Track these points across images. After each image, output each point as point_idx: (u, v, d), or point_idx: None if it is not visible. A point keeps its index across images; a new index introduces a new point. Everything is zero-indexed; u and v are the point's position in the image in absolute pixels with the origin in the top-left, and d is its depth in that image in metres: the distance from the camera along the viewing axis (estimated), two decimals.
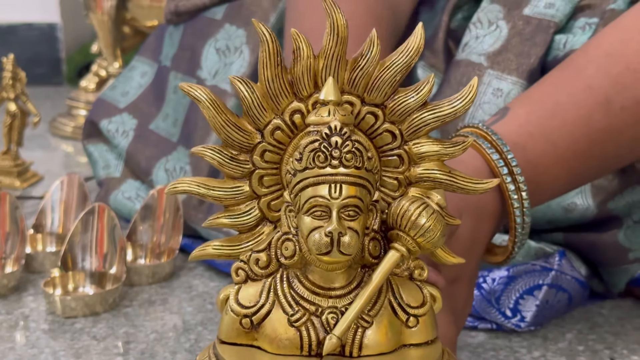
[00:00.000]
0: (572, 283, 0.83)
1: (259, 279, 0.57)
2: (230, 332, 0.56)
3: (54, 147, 1.69)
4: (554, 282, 0.81)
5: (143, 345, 0.79)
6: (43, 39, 2.33)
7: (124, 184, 1.11)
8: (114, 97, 1.17)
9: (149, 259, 0.98)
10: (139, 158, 1.09)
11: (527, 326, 0.81)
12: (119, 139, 1.12)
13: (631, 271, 0.83)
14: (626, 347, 0.80)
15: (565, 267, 0.82)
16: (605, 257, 0.83)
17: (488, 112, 0.88)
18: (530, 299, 0.81)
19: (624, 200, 0.80)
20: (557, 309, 0.83)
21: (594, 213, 0.83)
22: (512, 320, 0.81)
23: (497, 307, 0.82)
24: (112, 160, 1.14)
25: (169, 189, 0.58)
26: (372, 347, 0.55)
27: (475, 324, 0.83)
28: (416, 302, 0.56)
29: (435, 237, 0.55)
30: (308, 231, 0.53)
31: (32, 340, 0.80)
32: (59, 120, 1.78)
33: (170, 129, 1.09)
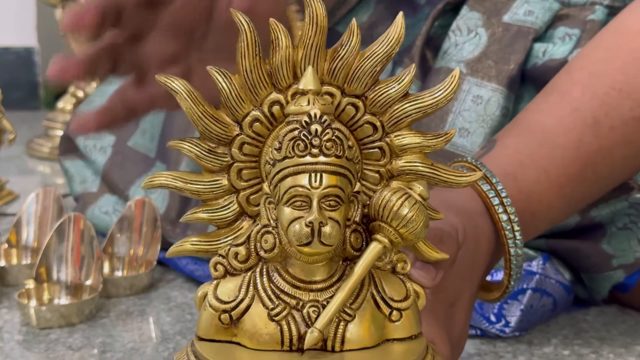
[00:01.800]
0: (556, 287, 0.82)
1: (238, 274, 0.55)
2: (208, 329, 0.55)
3: (30, 168, 1.67)
4: (538, 287, 0.80)
5: (120, 355, 0.77)
6: (20, 63, 2.32)
7: (101, 199, 1.10)
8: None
9: (127, 271, 0.97)
10: (116, 177, 1.07)
11: (511, 331, 0.80)
12: (95, 155, 1.11)
13: (614, 278, 0.82)
14: (612, 352, 0.79)
15: (550, 271, 0.82)
16: (588, 263, 0.83)
17: (468, 120, 0.87)
18: (515, 303, 0.80)
19: (607, 209, 0.80)
20: (542, 313, 0.82)
21: (577, 220, 0.82)
22: (497, 325, 0.80)
23: (481, 312, 0.81)
24: (89, 175, 1.13)
25: (145, 183, 0.57)
26: (355, 342, 0.53)
27: None
28: (399, 296, 0.55)
29: (418, 227, 0.54)
30: (288, 222, 0.52)
31: (6, 351, 0.78)
32: (36, 141, 1.76)
33: (147, 144, 1.08)
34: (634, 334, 0.83)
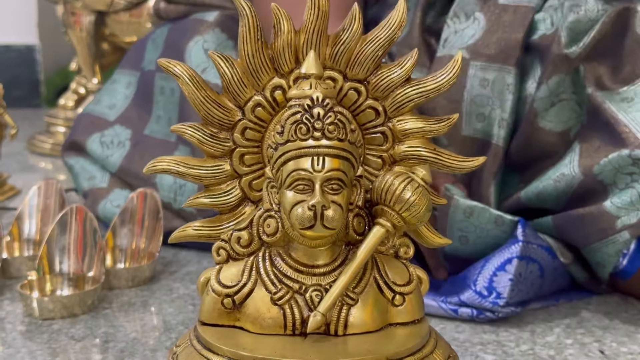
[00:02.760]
0: (539, 252, 0.82)
1: (240, 258, 0.55)
2: (211, 313, 0.55)
3: (32, 164, 1.67)
4: (523, 254, 0.81)
5: (122, 344, 0.77)
6: (21, 60, 2.32)
7: (112, 193, 1.09)
8: (101, 111, 1.14)
9: (129, 263, 0.96)
10: (136, 166, 1.06)
11: (505, 304, 0.80)
12: (113, 150, 1.09)
13: (619, 241, 0.81)
14: (615, 340, 0.78)
15: (530, 236, 0.82)
16: (592, 230, 0.82)
17: (480, 105, 0.87)
18: (503, 274, 0.80)
19: (610, 165, 0.80)
20: (531, 281, 0.82)
21: (580, 180, 0.82)
22: (489, 298, 0.80)
23: (474, 288, 0.81)
24: (96, 171, 1.11)
25: (147, 168, 0.57)
26: (358, 326, 0.53)
27: (455, 309, 0.81)
28: (402, 280, 0.55)
29: (421, 211, 0.54)
30: (291, 206, 0.52)
31: (8, 341, 0.78)
32: (38, 137, 1.76)
33: (164, 129, 1.07)
34: (637, 322, 0.82)
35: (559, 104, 0.86)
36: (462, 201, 0.84)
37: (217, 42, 1.03)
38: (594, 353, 0.76)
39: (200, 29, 1.03)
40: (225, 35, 1.04)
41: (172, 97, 1.05)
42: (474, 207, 0.84)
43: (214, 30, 1.03)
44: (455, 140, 0.88)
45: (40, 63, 2.32)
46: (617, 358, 0.75)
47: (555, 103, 0.86)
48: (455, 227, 0.85)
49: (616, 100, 0.82)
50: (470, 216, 0.84)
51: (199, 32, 1.03)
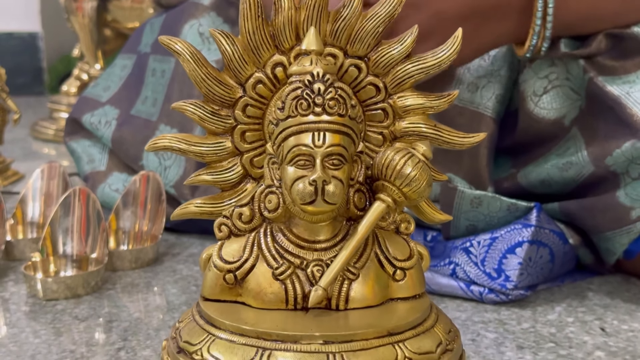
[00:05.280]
0: (551, 237, 0.82)
1: (242, 234, 0.55)
2: (213, 289, 0.55)
3: (35, 150, 1.68)
4: (534, 239, 0.81)
5: (126, 324, 0.77)
6: (24, 48, 2.32)
7: (110, 177, 1.10)
8: (96, 93, 1.16)
9: (132, 245, 0.97)
10: (126, 145, 1.07)
11: (514, 287, 0.80)
12: (102, 130, 1.11)
13: (633, 232, 0.81)
14: (616, 318, 0.79)
15: (543, 220, 0.82)
16: (605, 220, 0.82)
17: (476, 75, 0.88)
18: (513, 257, 0.81)
19: (623, 156, 0.79)
20: (541, 266, 0.82)
21: (591, 170, 0.82)
22: (498, 280, 0.80)
23: (483, 269, 0.81)
24: (96, 154, 1.13)
25: (149, 145, 0.57)
26: (359, 300, 0.54)
27: (468, 286, 0.82)
28: (403, 256, 0.55)
29: (421, 186, 0.54)
30: (292, 181, 0.52)
31: (13, 321, 0.78)
32: (41, 123, 1.76)
33: (149, 109, 1.08)
34: (638, 301, 0.83)
35: (552, 90, 0.85)
36: (468, 192, 0.84)
37: (213, 25, 1.03)
38: (595, 330, 0.76)
39: (195, 12, 1.04)
40: (221, 19, 1.04)
41: (162, 78, 1.05)
42: (483, 197, 0.84)
43: (210, 13, 1.04)
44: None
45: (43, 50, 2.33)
46: (618, 335, 0.75)
47: (549, 90, 0.85)
48: (462, 217, 0.85)
49: (618, 84, 0.81)
50: (479, 206, 0.84)
51: (195, 16, 1.03)
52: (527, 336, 0.75)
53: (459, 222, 0.86)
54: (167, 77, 1.05)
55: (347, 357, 0.49)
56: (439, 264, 0.86)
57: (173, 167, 1.02)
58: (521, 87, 0.87)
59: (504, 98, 0.89)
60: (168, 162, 1.03)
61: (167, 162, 1.03)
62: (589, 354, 0.71)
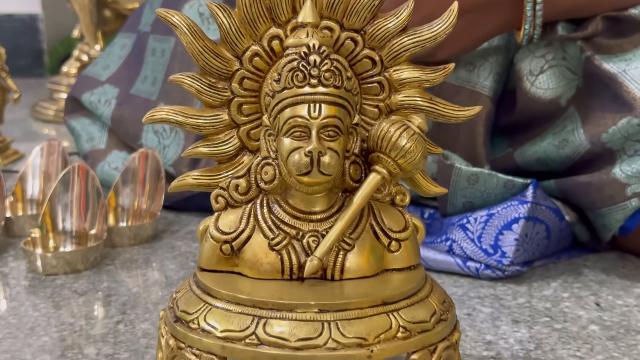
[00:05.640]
0: (547, 213, 0.82)
1: (238, 206, 0.56)
2: (210, 259, 0.55)
3: (35, 131, 1.68)
4: (530, 215, 0.81)
5: (125, 298, 0.78)
6: (24, 30, 2.32)
7: (110, 155, 1.11)
8: (96, 72, 1.17)
9: (131, 222, 0.97)
10: (125, 124, 1.08)
11: (510, 263, 0.80)
12: (102, 109, 1.11)
13: (628, 208, 0.82)
14: (611, 294, 0.79)
15: (540, 197, 0.82)
16: (600, 196, 0.82)
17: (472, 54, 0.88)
18: (509, 233, 0.81)
19: (619, 133, 0.80)
20: (537, 242, 0.83)
21: (587, 148, 0.82)
22: (494, 256, 0.81)
23: (480, 245, 0.82)
24: (95, 132, 1.13)
25: (146, 117, 0.57)
26: (354, 271, 0.54)
27: (464, 263, 0.82)
28: (398, 227, 0.56)
29: (416, 158, 0.54)
30: (287, 152, 0.53)
31: (12, 295, 0.79)
32: (41, 104, 1.77)
33: (149, 89, 1.08)
34: (633, 277, 0.83)
35: (549, 70, 0.86)
36: (465, 169, 0.85)
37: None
38: (590, 305, 0.77)
39: None
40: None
41: (162, 58, 1.05)
42: (479, 174, 0.84)
43: None
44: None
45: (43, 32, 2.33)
46: (613, 310, 0.75)
47: (545, 70, 0.86)
48: (459, 194, 0.86)
49: (615, 62, 0.82)
50: (476, 183, 0.85)
51: None
52: (523, 311, 0.75)
53: (456, 199, 0.87)
54: (167, 57, 1.05)
55: (341, 325, 0.50)
56: (435, 241, 0.86)
57: (172, 146, 1.03)
58: (517, 66, 0.87)
59: (501, 77, 0.89)
60: (167, 141, 1.04)
61: (165, 141, 1.04)
62: (583, 328, 0.72)
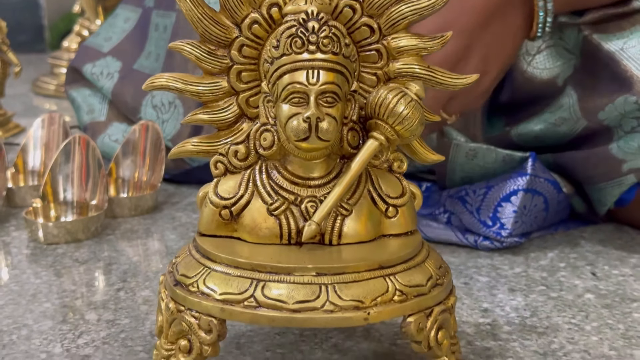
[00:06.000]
0: (545, 185, 0.83)
1: (237, 172, 0.56)
2: (209, 224, 0.56)
3: (36, 105, 1.68)
4: (529, 187, 0.82)
5: (125, 267, 0.79)
6: (25, 5, 2.32)
7: (110, 127, 1.11)
8: (97, 42, 1.17)
9: (131, 194, 0.98)
10: (125, 98, 1.09)
11: (508, 234, 0.81)
12: (103, 81, 1.12)
13: (624, 184, 0.82)
14: (607, 264, 0.80)
15: (538, 169, 0.83)
16: (597, 172, 0.83)
17: None
18: (508, 205, 0.82)
19: (615, 111, 0.80)
20: (535, 214, 0.83)
21: (584, 125, 0.83)
22: (493, 228, 0.82)
23: (478, 217, 0.83)
24: (96, 104, 1.14)
25: (146, 84, 0.58)
26: (352, 236, 0.55)
27: (463, 234, 0.83)
28: (395, 193, 0.56)
29: (413, 125, 0.55)
30: (286, 118, 0.53)
31: (14, 263, 0.80)
32: (42, 79, 1.77)
33: (152, 65, 1.09)
34: (630, 248, 0.84)
35: (546, 50, 0.86)
36: (464, 144, 0.85)
37: None
38: (586, 275, 0.77)
39: None
40: None
41: (164, 33, 1.06)
42: (478, 149, 0.85)
43: None
44: None
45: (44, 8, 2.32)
46: (608, 279, 0.76)
47: (542, 49, 0.86)
48: (457, 169, 0.86)
49: (612, 40, 0.82)
50: (474, 157, 0.85)
51: None
52: (519, 280, 0.76)
53: (454, 174, 0.87)
54: (169, 33, 1.05)
55: (339, 288, 0.51)
56: (434, 213, 0.87)
57: (170, 121, 1.03)
58: None
59: None
60: (166, 116, 1.04)
61: (164, 116, 1.04)
62: (579, 296, 0.72)
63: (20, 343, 0.63)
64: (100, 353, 0.62)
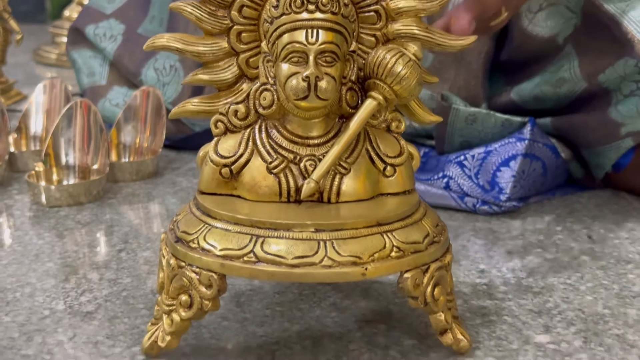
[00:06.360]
0: (544, 150, 0.84)
1: (237, 131, 0.57)
2: (210, 183, 0.57)
3: (37, 74, 1.69)
4: (527, 152, 0.83)
5: (127, 229, 0.80)
6: None
7: (111, 92, 1.12)
8: (99, 4, 1.17)
9: (133, 159, 0.99)
10: (126, 61, 1.09)
11: (507, 199, 0.82)
12: (105, 43, 1.12)
13: (622, 147, 0.83)
14: (603, 227, 0.81)
15: (537, 134, 0.84)
16: (595, 135, 0.84)
17: None
18: (507, 170, 0.83)
19: (615, 73, 0.81)
20: (534, 179, 0.84)
21: (584, 87, 0.83)
22: (491, 193, 0.83)
23: (477, 181, 0.83)
24: (96, 67, 1.14)
25: (147, 44, 0.58)
26: (350, 194, 0.56)
27: (461, 198, 0.84)
28: (393, 152, 0.57)
29: (411, 84, 0.55)
30: (285, 78, 0.54)
31: (17, 225, 0.81)
32: (43, 48, 1.77)
33: (156, 29, 1.09)
34: (626, 213, 0.85)
35: (548, 8, 0.86)
36: (463, 109, 0.86)
37: None
38: (582, 238, 0.78)
39: None
40: None
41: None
42: (477, 114, 0.85)
43: None
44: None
45: None
46: (604, 242, 0.77)
47: (544, 7, 0.86)
48: (456, 134, 0.87)
49: (615, 2, 0.82)
50: (474, 122, 0.86)
51: None
52: (516, 242, 0.77)
53: (453, 139, 0.88)
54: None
55: (337, 244, 0.51)
56: (432, 178, 0.88)
57: (171, 84, 1.04)
58: None
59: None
60: (166, 79, 1.05)
61: (165, 79, 1.05)
62: (574, 258, 0.73)
63: (24, 300, 0.64)
64: (102, 310, 0.63)
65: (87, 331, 0.59)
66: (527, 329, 0.60)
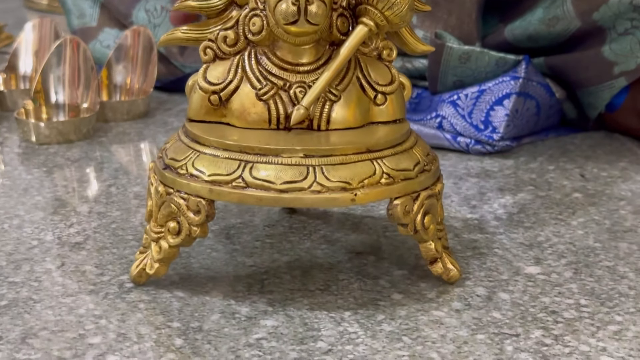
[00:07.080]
0: (538, 89, 0.83)
1: (227, 58, 0.56)
2: (199, 110, 0.56)
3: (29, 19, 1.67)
4: (521, 91, 0.82)
5: (117, 165, 0.79)
6: None
7: (102, 33, 1.10)
8: None
9: (124, 98, 0.98)
10: (117, 2, 1.08)
11: (500, 138, 0.82)
12: None
13: (615, 87, 0.82)
14: (596, 167, 0.81)
15: (531, 73, 0.83)
16: (589, 74, 0.83)
17: None
18: (500, 109, 0.82)
19: (610, 11, 0.80)
20: (527, 118, 0.84)
21: (577, 26, 0.82)
22: (485, 132, 0.82)
23: (470, 121, 0.83)
24: (87, 8, 1.13)
25: None
26: (340, 122, 0.55)
27: (454, 138, 0.83)
28: (384, 81, 0.56)
29: (403, 10, 0.54)
30: (275, 2, 0.53)
31: (6, 161, 0.80)
32: None
33: None
34: (619, 153, 0.84)
35: None
36: (457, 47, 0.85)
37: None
38: (575, 176, 0.78)
39: None
40: None
41: None
42: (471, 52, 0.84)
43: None
44: None
45: None
46: (597, 180, 0.77)
47: None
48: (449, 73, 0.86)
49: None
50: (467, 61, 0.85)
51: None
52: (508, 180, 0.77)
53: (446, 78, 0.87)
54: None
55: (326, 169, 0.51)
56: (425, 118, 0.87)
57: (162, 26, 1.03)
58: None
59: None
60: (157, 20, 1.03)
61: (156, 20, 1.03)
62: (566, 195, 0.73)
63: (12, 231, 0.64)
64: (91, 241, 0.62)
65: (76, 260, 0.59)
66: (518, 261, 0.60)
